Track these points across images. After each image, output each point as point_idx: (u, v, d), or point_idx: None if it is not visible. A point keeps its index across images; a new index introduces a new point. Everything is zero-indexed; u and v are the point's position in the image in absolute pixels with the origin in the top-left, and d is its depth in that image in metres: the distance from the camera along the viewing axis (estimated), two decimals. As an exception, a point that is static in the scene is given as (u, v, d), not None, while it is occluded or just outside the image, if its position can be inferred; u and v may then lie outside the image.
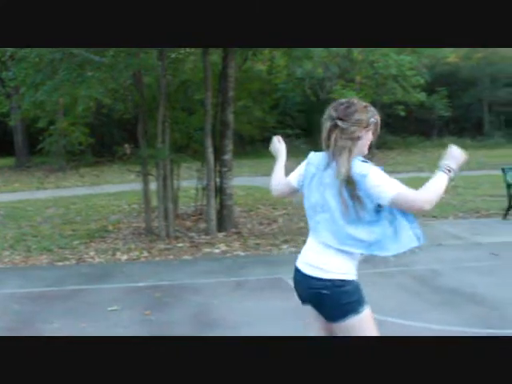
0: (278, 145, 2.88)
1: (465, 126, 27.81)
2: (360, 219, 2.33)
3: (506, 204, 9.19)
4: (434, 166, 2.48)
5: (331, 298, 2.38)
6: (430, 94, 20.84)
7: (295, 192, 2.72)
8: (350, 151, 2.35)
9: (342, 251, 2.38)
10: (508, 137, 26.27)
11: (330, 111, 2.44)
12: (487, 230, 8.27)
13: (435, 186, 2.31)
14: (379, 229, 2.35)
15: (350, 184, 2.30)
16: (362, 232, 2.34)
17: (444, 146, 2.51)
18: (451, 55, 26.40)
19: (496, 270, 6.14)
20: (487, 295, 5.26)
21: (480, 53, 27.33)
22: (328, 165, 2.41)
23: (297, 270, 2.55)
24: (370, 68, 11.19)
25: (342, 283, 2.38)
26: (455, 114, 26.99)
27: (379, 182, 2.30)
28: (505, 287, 5.53)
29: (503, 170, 9.37)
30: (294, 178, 2.66)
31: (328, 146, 2.42)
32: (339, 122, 2.38)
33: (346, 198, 2.31)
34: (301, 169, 2.63)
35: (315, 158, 2.55)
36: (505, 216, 9.10)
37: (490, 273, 6.05)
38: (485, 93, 27.92)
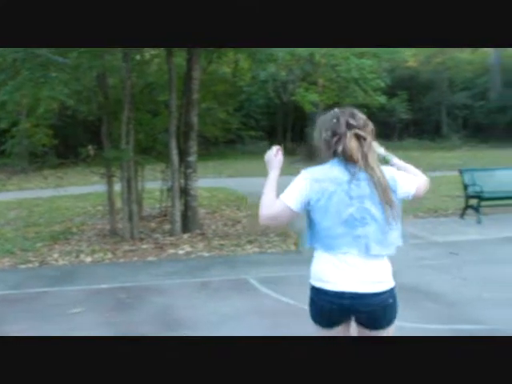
0: (274, 157, 2.56)
1: (424, 129, 28.49)
2: (392, 222, 2.35)
3: (463, 204, 9.49)
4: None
5: (394, 304, 2.42)
6: (390, 98, 21.30)
7: (294, 217, 2.45)
8: (376, 159, 2.38)
9: (386, 257, 2.43)
10: (464, 139, 27.03)
11: (345, 120, 2.37)
12: (445, 229, 8.53)
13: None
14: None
15: (387, 190, 2.31)
16: (395, 234, 2.40)
17: (404, 148, 2.65)
18: (411, 59, 27.03)
19: (454, 268, 6.36)
20: (445, 292, 5.45)
21: (438, 57, 28.05)
22: (353, 176, 2.31)
23: (341, 295, 2.37)
24: (332, 71, 11.37)
25: (394, 287, 2.46)
26: (415, 117, 27.64)
27: (405, 178, 2.44)
28: (462, 284, 5.74)
29: (460, 171, 9.68)
30: (295, 200, 2.38)
31: (351, 157, 2.32)
32: (361, 132, 2.35)
33: (386, 204, 2.31)
34: (301, 189, 2.38)
35: (323, 173, 2.37)
36: (462, 215, 9.40)
37: (448, 271, 6.26)
38: (443, 96, 28.66)
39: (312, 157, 23.26)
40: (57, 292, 5.88)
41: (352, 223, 2.32)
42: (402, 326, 4.41)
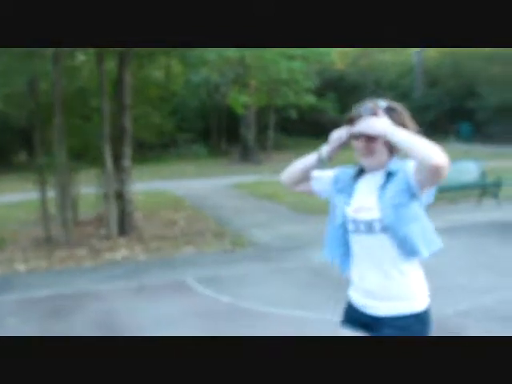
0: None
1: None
2: None
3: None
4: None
5: None
6: (320, 98, 21.94)
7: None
8: None
9: None
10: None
11: None
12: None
13: None
14: None
15: None
16: None
17: None
18: (338, 62, 27.84)
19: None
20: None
21: (364, 60, 29.07)
22: None
23: None
24: (262, 73, 11.65)
25: None
26: (344, 117, 28.46)
27: None
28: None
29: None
30: None
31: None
32: None
33: None
34: None
35: None
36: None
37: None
38: (370, 97, 29.67)
39: (246, 158, 23.55)
40: (-9, 302, 5.78)
41: None
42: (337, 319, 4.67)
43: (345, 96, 28.54)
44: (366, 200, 2.21)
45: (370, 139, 2.20)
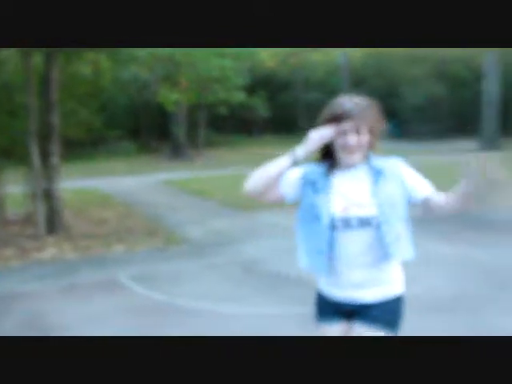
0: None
1: (282, 125, 29.92)
2: None
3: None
4: (253, 162, 2.58)
5: None
6: (250, 95, 22.19)
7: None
8: None
9: None
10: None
11: None
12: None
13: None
14: None
15: None
16: None
17: (264, 143, 2.56)
18: (269, 60, 28.21)
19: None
20: (307, 277, 5.93)
21: (294, 58, 29.63)
22: None
23: None
24: (192, 71, 11.68)
25: None
26: (274, 114, 28.95)
27: None
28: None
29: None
30: None
31: None
32: None
33: None
34: None
35: None
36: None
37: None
38: (299, 94, 30.29)
39: (177, 155, 23.45)
40: None
41: None
42: (264, 312, 4.81)
43: (275, 94, 29.01)
44: (356, 196, 2.18)
45: (360, 135, 2.16)
